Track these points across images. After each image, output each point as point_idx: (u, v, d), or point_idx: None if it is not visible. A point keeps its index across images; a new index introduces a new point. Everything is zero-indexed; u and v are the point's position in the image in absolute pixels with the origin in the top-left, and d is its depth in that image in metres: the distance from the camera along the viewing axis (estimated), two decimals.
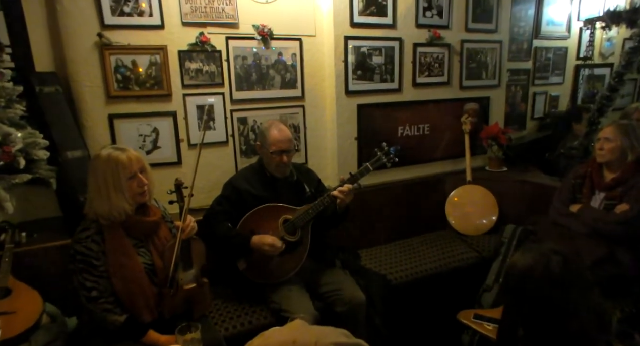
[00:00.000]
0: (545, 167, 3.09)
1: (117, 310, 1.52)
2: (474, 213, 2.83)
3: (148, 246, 1.60)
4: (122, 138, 2.22)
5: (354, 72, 2.63)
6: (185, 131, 2.35)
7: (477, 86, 3.11)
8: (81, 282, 1.49)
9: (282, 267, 1.99)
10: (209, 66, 2.32)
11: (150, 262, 1.59)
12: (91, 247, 1.49)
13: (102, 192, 1.49)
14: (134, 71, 2.18)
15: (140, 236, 1.60)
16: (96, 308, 1.49)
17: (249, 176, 2.06)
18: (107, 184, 1.48)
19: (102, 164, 1.49)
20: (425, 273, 2.41)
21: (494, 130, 3.02)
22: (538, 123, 3.77)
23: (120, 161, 1.49)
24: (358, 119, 2.70)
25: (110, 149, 1.53)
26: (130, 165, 1.50)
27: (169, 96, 2.27)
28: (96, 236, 1.51)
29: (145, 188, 1.54)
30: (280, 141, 1.95)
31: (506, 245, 2.41)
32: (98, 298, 1.49)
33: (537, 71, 3.67)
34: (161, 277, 1.60)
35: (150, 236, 1.61)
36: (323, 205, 1.94)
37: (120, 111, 2.20)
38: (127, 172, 1.50)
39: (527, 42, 3.53)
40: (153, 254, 1.60)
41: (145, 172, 1.56)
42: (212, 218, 1.98)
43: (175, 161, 2.36)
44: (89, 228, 1.52)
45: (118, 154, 1.50)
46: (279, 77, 2.51)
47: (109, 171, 1.48)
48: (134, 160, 1.52)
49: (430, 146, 3.02)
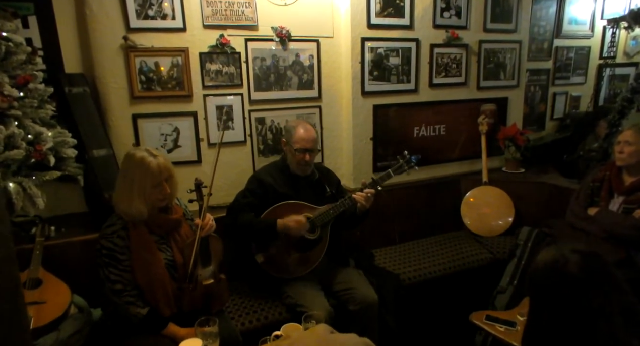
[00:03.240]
0: (563, 169, 3.04)
1: (139, 303, 1.55)
2: (489, 214, 2.80)
3: (169, 242, 1.64)
4: (145, 137, 2.26)
5: (370, 73, 2.62)
6: (205, 130, 2.39)
7: (494, 86, 3.07)
8: (106, 275, 1.53)
9: (300, 263, 2.00)
10: (229, 67, 2.35)
11: (172, 258, 1.62)
12: (117, 242, 1.53)
13: (126, 192, 1.53)
14: (156, 72, 2.23)
15: (162, 233, 1.63)
16: (120, 301, 1.53)
17: (273, 171, 2.08)
18: (132, 187, 1.52)
19: (133, 166, 1.53)
20: (438, 274, 2.40)
21: (512, 131, 2.97)
22: (557, 124, 3.70)
23: (150, 168, 1.52)
24: (374, 119, 2.70)
25: (144, 152, 1.55)
26: (159, 174, 1.53)
27: (190, 96, 2.31)
28: (122, 232, 1.54)
29: (166, 196, 1.58)
30: (306, 140, 1.98)
31: (521, 247, 2.38)
32: (122, 291, 1.53)
33: (558, 70, 3.60)
34: (181, 273, 1.63)
35: (171, 233, 1.65)
36: (344, 206, 1.96)
37: (144, 111, 2.24)
38: (155, 180, 1.53)
39: (548, 41, 3.46)
40: (174, 251, 1.63)
41: (171, 179, 1.59)
42: (238, 209, 1.99)
43: (195, 160, 2.39)
44: (115, 224, 1.56)
45: (150, 161, 1.52)
46: (296, 78, 2.53)
47: (137, 175, 1.52)
48: (163, 169, 1.55)
49: (447, 147, 2.99)
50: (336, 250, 2.12)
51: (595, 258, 1.04)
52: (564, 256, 1.03)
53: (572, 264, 1.01)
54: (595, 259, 1.04)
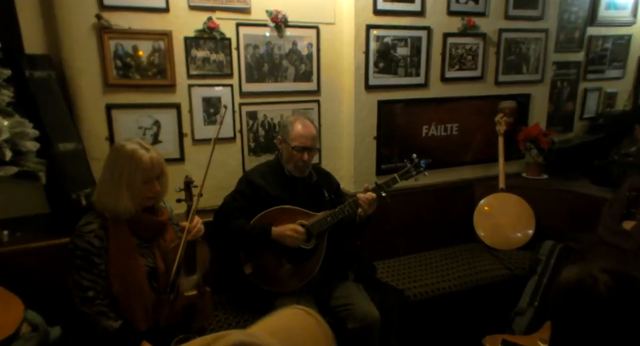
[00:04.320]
0: (593, 175, 2.91)
1: (111, 315, 1.47)
2: (506, 224, 2.67)
3: (153, 247, 1.57)
4: (120, 130, 2.14)
5: (375, 64, 2.51)
6: (190, 125, 2.27)
7: (515, 81, 2.94)
8: (77, 281, 1.45)
9: (293, 276, 1.92)
10: (217, 54, 2.23)
11: (153, 265, 1.55)
12: (93, 242, 1.45)
13: (114, 186, 1.47)
14: (135, 58, 2.10)
15: (146, 236, 1.56)
16: (90, 311, 1.45)
17: (265, 172, 2.01)
18: (120, 181, 1.47)
19: (123, 159, 1.47)
20: (448, 290, 2.30)
21: (534, 132, 2.85)
22: (588, 124, 3.52)
23: (142, 163, 1.48)
24: (378, 116, 2.59)
25: (135, 144, 1.50)
26: (151, 169, 1.49)
27: (173, 86, 2.19)
28: (100, 231, 1.47)
29: (156, 194, 1.54)
30: (304, 137, 1.91)
31: (543, 263, 2.25)
32: (94, 299, 1.45)
33: (591, 63, 3.38)
34: (162, 283, 1.56)
35: (156, 237, 1.59)
36: (343, 214, 1.89)
37: (119, 100, 2.13)
38: (145, 176, 1.49)
39: (580, 30, 3.25)
40: (156, 257, 1.56)
41: (163, 176, 1.55)
42: (226, 214, 1.93)
43: (178, 158, 2.27)
44: (93, 222, 1.48)
45: (142, 154, 1.48)
46: (292, 69, 2.41)
47: (127, 169, 1.47)
48: (156, 164, 1.51)
49: (459, 149, 2.89)
50: (334, 262, 2.03)
51: (628, 278, 0.98)
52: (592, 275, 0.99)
53: (602, 285, 0.96)
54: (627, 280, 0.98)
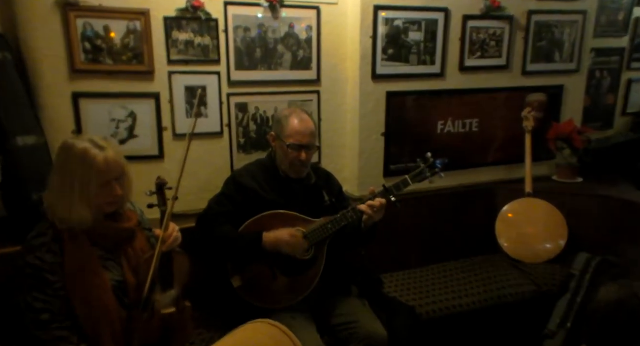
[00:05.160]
0: (637, 179, 2.76)
1: (73, 339, 1.37)
2: (533, 234, 2.54)
3: (119, 258, 1.48)
4: (90, 122, 2.01)
5: (384, 51, 2.37)
6: (170, 117, 2.13)
7: (546, 70, 2.78)
8: (29, 302, 1.34)
9: (288, 289, 1.84)
10: (202, 37, 2.10)
11: (121, 278, 1.47)
12: (46, 258, 1.36)
13: (65, 193, 1.37)
14: (106, 40, 1.97)
15: (109, 246, 1.48)
16: (46, 336, 1.34)
17: (257, 172, 1.92)
18: (72, 187, 1.37)
19: (73, 162, 1.38)
20: (465, 308, 2.18)
21: (567, 129, 2.69)
22: (631, 120, 3.31)
23: (95, 165, 1.38)
24: (387, 110, 2.47)
25: (87, 143, 1.39)
26: (108, 171, 1.40)
27: (151, 73, 2.06)
28: (53, 245, 1.38)
29: (116, 199, 1.44)
30: (300, 133, 1.83)
31: (577, 279, 2.17)
32: (49, 322, 1.34)
33: (636, 50, 3.18)
34: (133, 297, 1.47)
35: (122, 246, 1.50)
36: (346, 220, 1.80)
37: (88, 88, 2.00)
38: (101, 179, 1.39)
39: (625, 11, 3.05)
40: (124, 269, 1.48)
41: (124, 177, 1.46)
42: (210, 219, 1.86)
43: (156, 154, 2.14)
44: (45, 234, 1.38)
45: (95, 154, 1.38)
46: (289, 55, 2.27)
47: (79, 173, 1.37)
48: (113, 165, 1.41)
49: (479, 147, 2.77)
50: (335, 274, 1.94)
51: None
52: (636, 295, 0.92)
53: None
54: None
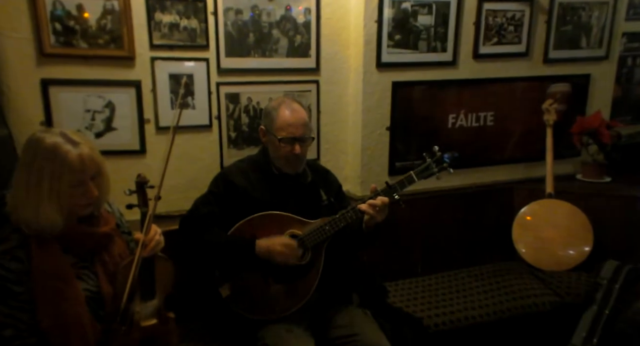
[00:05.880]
0: None
1: None
2: (555, 239, 2.44)
3: (94, 266, 1.41)
4: (62, 113, 1.91)
5: (390, 36, 2.28)
6: (153, 108, 2.06)
7: (571, 58, 2.67)
8: None
9: (282, 298, 1.79)
10: (189, 20, 2.01)
11: (96, 289, 1.40)
12: (10, 267, 1.29)
13: (31, 194, 1.29)
14: (80, 21, 1.86)
15: (83, 253, 1.41)
16: None
17: (248, 170, 1.87)
18: (40, 186, 1.29)
19: (42, 158, 1.29)
20: (478, 320, 2.11)
21: (594, 123, 2.58)
22: None
23: (68, 162, 1.29)
24: (393, 101, 2.38)
25: (58, 137, 1.31)
26: (82, 170, 1.32)
27: (131, 59, 1.97)
28: (19, 251, 1.31)
29: (91, 200, 1.37)
30: (292, 125, 1.77)
31: (604, 289, 2.11)
32: (13, 339, 1.29)
33: None
34: (110, 309, 1.41)
35: (97, 252, 1.43)
36: (345, 221, 1.74)
37: (60, 75, 1.91)
38: (74, 178, 1.31)
39: None
40: (100, 278, 1.41)
41: (100, 176, 1.39)
42: (197, 221, 1.80)
43: (137, 149, 2.06)
44: (9, 239, 1.32)
45: (68, 150, 1.29)
46: (285, 41, 2.19)
47: (48, 171, 1.29)
48: (88, 162, 1.32)
49: (495, 143, 2.68)
50: (334, 281, 1.88)
51: None
52: None
53: None
54: None
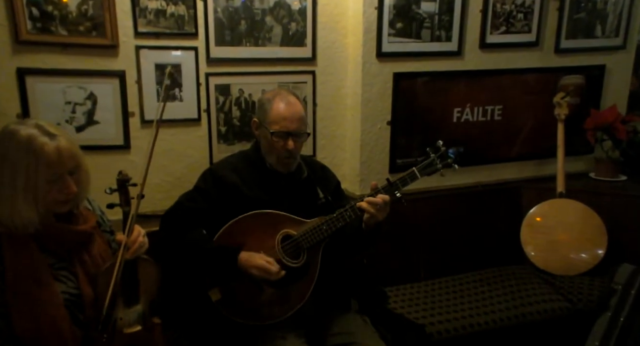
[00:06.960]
0: None
1: None
2: (566, 242, 2.40)
3: (73, 267, 1.38)
4: (40, 105, 1.87)
5: (391, 24, 2.24)
6: (138, 100, 2.02)
7: (584, 47, 2.60)
8: None
9: (276, 303, 1.75)
10: (176, 6, 1.97)
11: (75, 291, 1.37)
12: None
13: (5, 190, 1.27)
14: (58, 6, 1.81)
15: (61, 252, 1.38)
16: None
17: (240, 166, 1.82)
18: (14, 182, 1.26)
19: (15, 151, 1.27)
20: (484, 327, 2.07)
21: (609, 117, 2.53)
22: None
23: (44, 155, 1.26)
24: (394, 94, 2.33)
25: (33, 129, 1.28)
26: (59, 163, 1.29)
27: (114, 47, 1.92)
28: None
29: (70, 196, 1.34)
30: (287, 119, 1.72)
31: (619, 295, 2.09)
32: None
33: None
34: (90, 314, 1.39)
35: (77, 252, 1.39)
36: (344, 221, 1.70)
37: (37, 64, 1.86)
38: (51, 172, 1.28)
39: None
40: (80, 280, 1.38)
41: (79, 171, 1.36)
42: (179, 218, 1.75)
43: (121, 144, 2.03)
44: None
45: (44, 143, 1.27)
46: (279, 29, 2.14)
47: (23, 165, 1.26)
48: (66, 156, 1.29)
49: (503, 139, 2.62)
50: (331, 285, 1.84)
51: None
52: None
53: None
54: None
